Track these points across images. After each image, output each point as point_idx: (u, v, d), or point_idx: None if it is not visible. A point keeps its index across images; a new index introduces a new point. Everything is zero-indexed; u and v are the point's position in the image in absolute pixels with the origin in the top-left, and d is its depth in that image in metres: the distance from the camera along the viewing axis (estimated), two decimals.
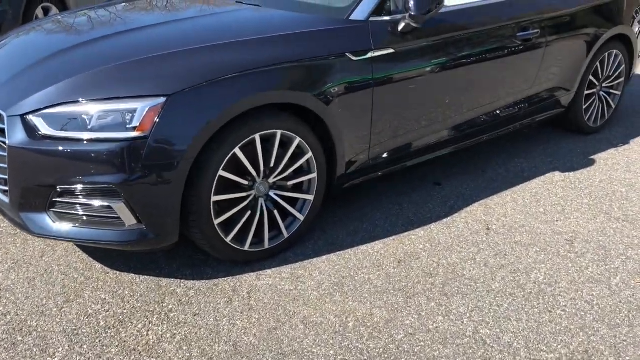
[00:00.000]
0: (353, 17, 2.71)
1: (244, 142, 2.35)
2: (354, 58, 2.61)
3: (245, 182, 2.46)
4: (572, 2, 3.63)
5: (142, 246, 2.34)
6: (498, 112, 3.44)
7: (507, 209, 3.11)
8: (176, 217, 2.28)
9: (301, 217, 2.67)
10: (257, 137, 2.39)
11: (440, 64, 2.94)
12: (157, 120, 2.14)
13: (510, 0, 3.32)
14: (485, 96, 3.28)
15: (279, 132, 2.45)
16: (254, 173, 2.46)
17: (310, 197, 2.68)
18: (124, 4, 3.33)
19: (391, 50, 2.73)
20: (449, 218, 3.01)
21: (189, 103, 2.21)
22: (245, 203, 2.49)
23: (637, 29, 4.19)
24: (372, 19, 2.72)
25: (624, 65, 4.19)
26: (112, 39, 2.60)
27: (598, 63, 3.96)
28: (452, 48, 2.97)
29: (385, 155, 2.95)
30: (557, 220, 3.00)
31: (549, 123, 4.12)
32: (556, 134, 4.18)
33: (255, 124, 2.36)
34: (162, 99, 2.16)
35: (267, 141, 2.47)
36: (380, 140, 2.87)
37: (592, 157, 3.82)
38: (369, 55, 2.65)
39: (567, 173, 3.55)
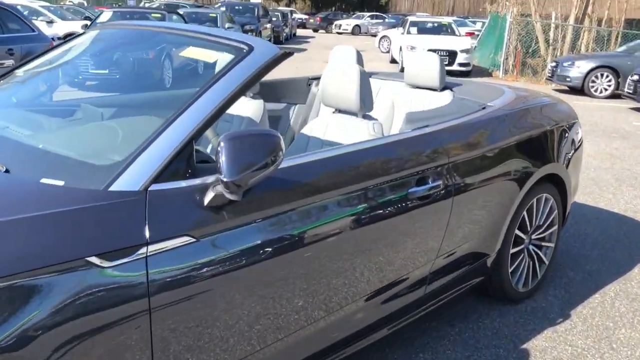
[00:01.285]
0: (117, 186, 1.56)
1: None
2: (105, 264, 1.44)
3: None
4: (487, 139, 2.68)
5: None
6: (383, 304, 2.33)
7: None
8: None
9: None
10: None
11: (283, 248, 1.82)
12: None
13: (397, 142, 2.31)
14: (360, 284, 2.17)
15: None
16: None
17: None
18: None
19: (188, 239, 1.59)
20: None
21: None
22: None
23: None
24: (154, 187, 1.59)
25: (556, 211, 3.25)
26: None
27: (525, 212, 2.99)
28: (298, 223, 1.86)
29: None
30: None
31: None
32: (476, 305, 3.11)
33: None
34: None
35: None
36: None
37: (524, 345, 2.75)
38: (141, 252, 1.50)
39: None
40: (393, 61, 17.44)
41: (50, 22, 15.05)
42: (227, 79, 1.81)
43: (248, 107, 3.06)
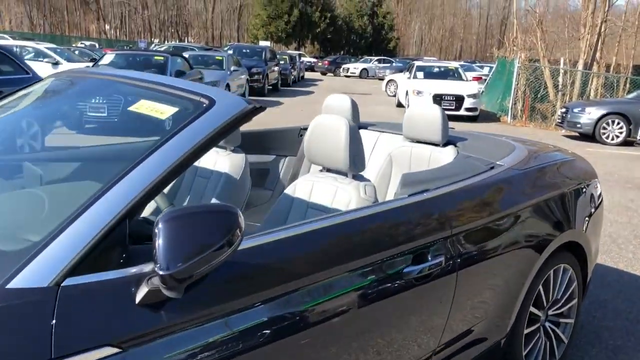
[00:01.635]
0: (18, 281, 1.20)
1: None
2: None
3: None
4: (496, 205, 2.32)
5: None
6: None
7: None
8: None
9: None
10: None
11: (235, 353, 1.45)
12: None
13: (390, 210, 1.96)
14: None
15: None
16: None
17: None
18: None
19: (111, 350, 1.23)
20: None
21: None
22: None
23: None
24: (69, 281, 1.24)
25: (575, 282, 2.86)
26: None
27: (541, 286, 2.61)
28: (261, 318, 1.50)
29: None
30: None
31: None
32: None
33: None
34: None
35: None
36: None
37: None
38: None
39: None
40: (400, 105, 17.28)
41: (56, 63, 15.03)
42: (176, 140, 1.48)
43: (226, 162, 2.74)
